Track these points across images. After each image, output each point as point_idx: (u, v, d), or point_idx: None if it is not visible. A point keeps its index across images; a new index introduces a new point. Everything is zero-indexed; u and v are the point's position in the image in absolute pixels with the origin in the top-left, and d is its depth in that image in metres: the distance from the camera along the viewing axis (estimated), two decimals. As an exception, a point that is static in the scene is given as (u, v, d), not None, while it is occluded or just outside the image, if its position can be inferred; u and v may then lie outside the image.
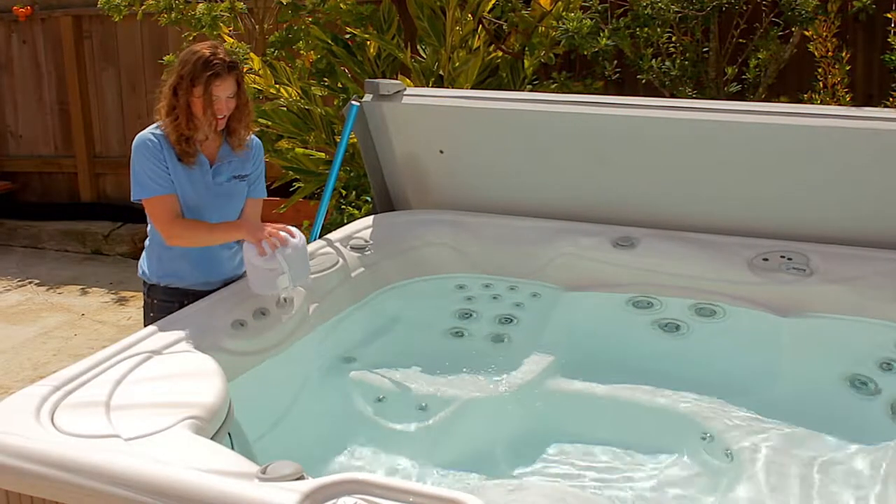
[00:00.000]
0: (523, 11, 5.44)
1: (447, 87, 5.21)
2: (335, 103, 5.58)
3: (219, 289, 3.32)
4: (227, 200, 3.33)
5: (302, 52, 5.77)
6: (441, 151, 4.20)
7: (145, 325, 3.16)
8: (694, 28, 5.14)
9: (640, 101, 3.88)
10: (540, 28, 5.44)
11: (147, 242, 3.35)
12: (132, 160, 3.21)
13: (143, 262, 3.36)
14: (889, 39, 4.82)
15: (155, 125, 3.26)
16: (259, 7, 6.07)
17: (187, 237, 3.22)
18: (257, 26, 6.06)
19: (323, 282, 3.56)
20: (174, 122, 3.18)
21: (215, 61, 3.15)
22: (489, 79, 5.56)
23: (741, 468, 2.97)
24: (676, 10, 4.94)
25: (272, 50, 5.82)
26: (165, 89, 3.21)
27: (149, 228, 3.32)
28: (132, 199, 3.24)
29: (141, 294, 3.42)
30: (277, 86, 5.30)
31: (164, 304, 3.27)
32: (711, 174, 3.78)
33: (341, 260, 3.68)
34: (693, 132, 3.71)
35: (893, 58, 4.76)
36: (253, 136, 3.42)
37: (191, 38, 5.96)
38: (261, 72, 5.29)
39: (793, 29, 5.02)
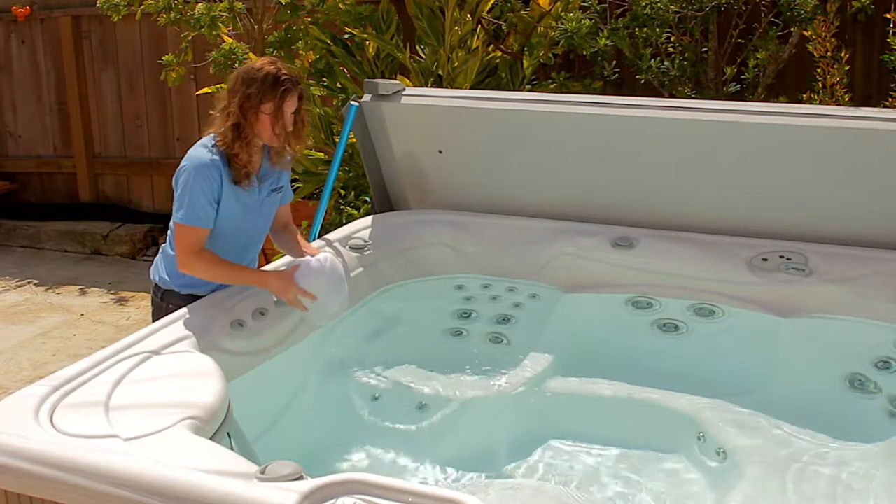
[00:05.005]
0: (522, 12, 5.44)
1: (446, 88, 5.21)
2: (334, 103, 5.59)
3: None
4: (267, 214, 3.36)
5: (301, 52, 5.77)
6: (440, 151, 4.20)
7: None
8: (693, 28, 5.14)
9: (639, 102, 3.88)
10: (539, 28, 5.44)
11: (168, 246, 3.31)
12: (185, 178, 3.13)
13: (160, 268, 3.33)
14: (888, 40, 4.82)
15: (210, 143, 3.18)
16: (258, 7, 6.06)
17: (204, 272, 3.19)
18: (256, 26, 6.06)
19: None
20: (243, 142, 3.13)
21: (284, 77, 3.14)
22: (488, 79, 5.56)
23: (740, 468, 2.97)
24: (675, 10, 4.94)
25: (271, 50, 5.81)
26: (232, 109, 3.13)
27: (170, 236, 3.29)
28: (173, 217, 3.18)
29: (140, 294, 3.42)
30: (276, 86, 5.29)
31: (179, 309, 3.26)
32: (710, 174, 3.79)
33: (340, 260, 3.68)
34: (692, 132, 3.72)
35: (892, 58, 4.76)
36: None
37: (189, 38, 5.96)
38: (260, 72, 5.29)
39: (792, 29, 5.02)
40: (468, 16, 5.32)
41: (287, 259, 3.46)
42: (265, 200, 3.32)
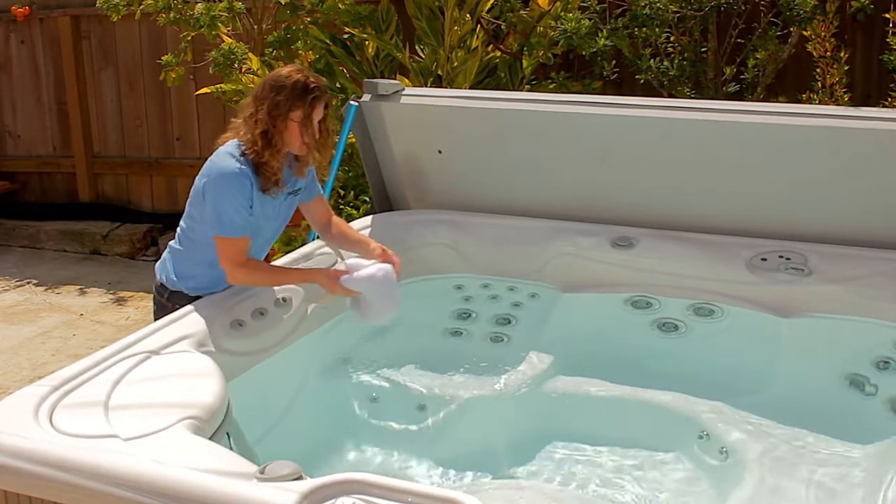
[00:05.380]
0: (522, 11, 5.44)
1: (445, 87, 5.21)
2: (334, 103, 5.57)
3: None
4: (284, 216, 3.38)
5: (300, 52, 5.76)
6: (439, 151, 4.20)
7: None
8: (692, 28, 5.15)
9: (638, 101, 3.88)
10: (538, 28, 5.44)
11: (179, 247, 3.30)
12: (216, 188, 3.13)
13: (168, 267, 3.31)
14: (888, 39, 4.82)
15: (236, 151, 3.16)
16: (257, 7, 6.06)
17: (253, 280, 3.23)
18: (256, 26, 6.06)
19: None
20: (273, 150, 3.12)
21: (313, 84, 3.13)
22: (487, 79, 5.56)
23: (739, 467, 2.97)
24: (675, 10, 4.93)
25: (270, 50, 5.82)
26: (261, 116, 3.11)
27: (181, 236, 3.29)
28: (214, 233, 3.16)
29: (139, 294, 3.43)
30: (276, 86, 5.29)
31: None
32: (710, 174, 3.79)
33: (339, 260, 3.68)
34: (691, 132, 3.72)
35: (892, 58, 4.76)
36: None
37: (189, 37, 5.96)
38: (259, 72, 5.29)
39: (791, 29, 5.02)
40: (467, 16, 5.32)
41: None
42: (283, 204, 3.33)
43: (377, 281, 3.28)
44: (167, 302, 3.29)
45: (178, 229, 3.33)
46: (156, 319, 3.32)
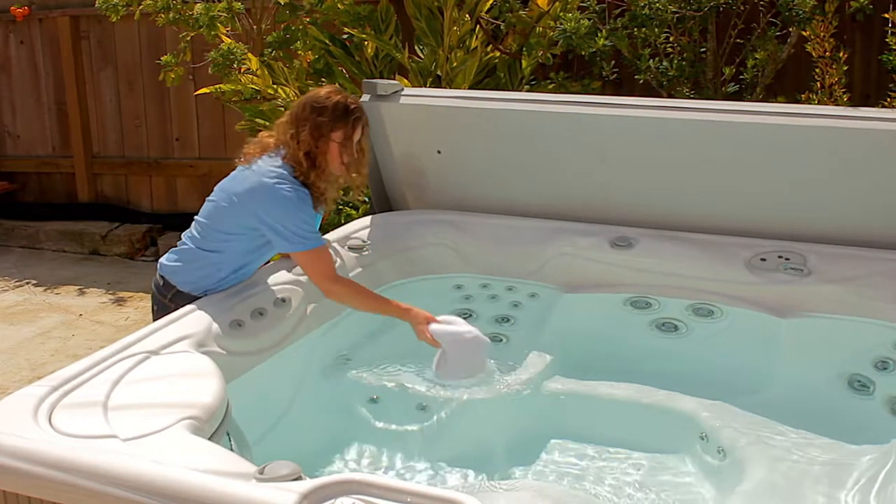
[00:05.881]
0: (521, 12, 5.44)
1: (445, 88, 5.21)
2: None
3: None
4: None
5: (299, 52, 5.77)
6: (439, 151, 4.20)
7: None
8: (691, 28, 5.15)
9: (637, 102, 3.88)
10: (537, 28, 5.44)
11: (190, 249, 3.31)
12: (288, 205, 3.16)
13: (177, 269, 3.32)
14: (887, 39, 4.83)
15: (285, 173, 3.19)
16: (257, 7, 6.06)
17: (352, 299, 3.29)
18: (255, 26, 6.06)
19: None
20: (319, 171, 3.19)
21: (354, 105, 3.21)
22: (487, 79, 5.56)
23: (739, 467, 2.97)
24: (674, 10, 4.94)
25: (270, 50, 5.82)
26: (303, 137, 3.17)
27: (195, 241, 3.30)
28: (290, 251, 3.22)
29: (139, 294, 3.43)
30: (275, 86, 5.30)
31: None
32: (709, 174, 3.79)
33: (339, 260, 3.68)
34: (691, 132, 3.72)
35: (891, 58, 4.76)
36: None
37: (188, 38, 5.96)
38: (258, 72, 5.29)
39: (790, 29, 5.02)
40: (467, 16, 5.32)
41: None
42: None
43: (463, 340, 3.32)
44: (170, 303, 3.30)
45: (192, 234, 3.35)
46: (155, 318, 3.33)
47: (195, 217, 3.41)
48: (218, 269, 3.29)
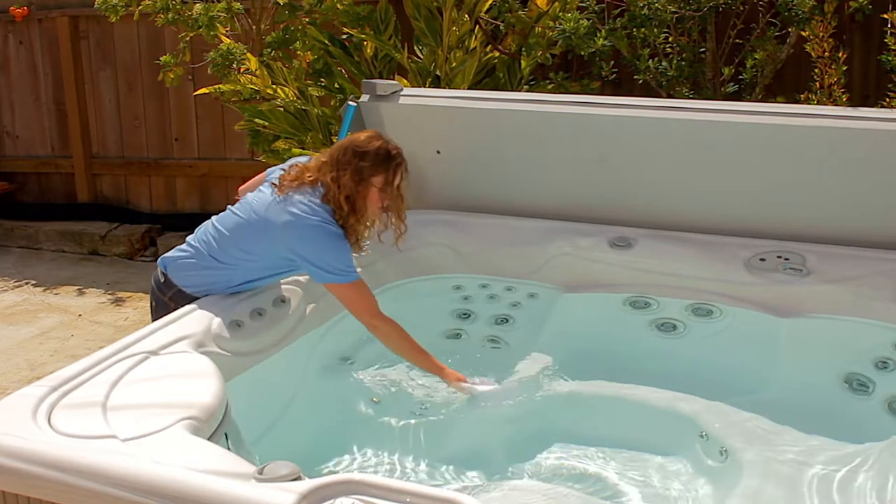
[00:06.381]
0: (520, 12, 5.44)
1: (444, 88, 5.21)
2: (332, 104, 5.58)
3: None
4: None
5: (299, 52, 5.77)
6: (438, 152, 4.20)
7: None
8: (691, 28, 5.15)
9: (636, 102, 3.88)
10: (537, 28, 5.44)
11: (202, 252, 3.30)
12: (323, 249, 3.19)
13: (183, 271, 3.32)
14: (886, 40, 4.82)
15: (324, 215, 3.21)
16: (256, 7, 6.06)
17: (389, 338, 3.30)
18: (254, 27, 6.05)
19: (320, 282, 3.56)
20: (358, 216, 3.22)
21: (395, 151, 3.25)
22: (486, 79, 5.56)
23: (738, 467, 2.97)
24: (673, 10, 4.94)
25: (269, 50, 5.81)
26: (344, 181, 3.19)
27: (204, 247, 3.30)
28: (327, 282, 3.23)
29: (138, 295, 3.43)
30: (274, 86, 5.30)
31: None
32: (708, 174, 3.79)
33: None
34: (690, 132, 3.72)
35: (890, 58, 4.76)
36: None
37: (187, 38, 5.96)
38: (258, 72, 5.29)
39: (789, 29, 5.02)
40: (466, 16, 5.32)
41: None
42: None
43: (496, 394, 3.36)
44: (169, 301, 3.30)
45: (207, 239, 3.33)
46: (153, 315, 3.34)
47: (213, 222, 3.36)
48: (229, 280, 3.30)
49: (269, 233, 3.22)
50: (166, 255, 3.42)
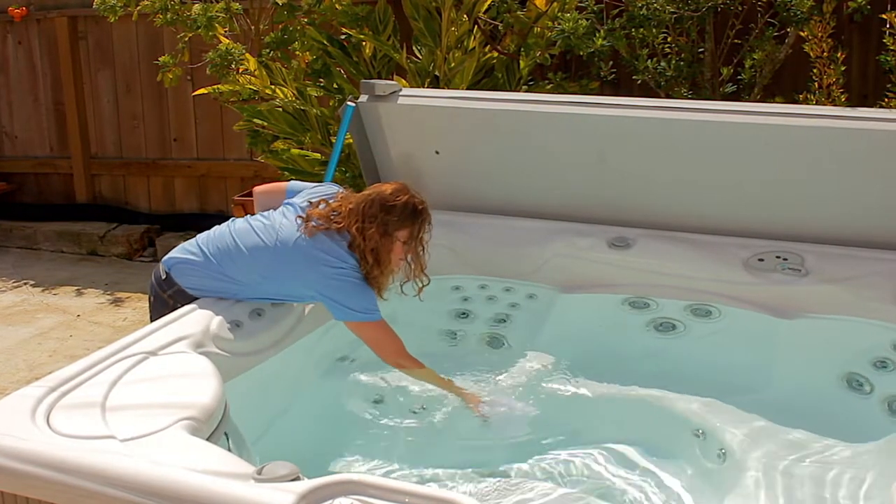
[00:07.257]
0: (519, 12, 5.44)
1: (443, 88, 5.21)
2: (331, 104, 5.58)
3: None
4: None
5: (297, 52, 5.76)
6: (437, 152, 4.20)
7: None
8: (689, 28, 5.15)
9: (635, 102, 3.88)
10: (535, 28, 5.44)
11: (213, 264, 3.29)
12: (348, 294, 3.21)
13: (190, 274, 3.31)
14: (884, 40, 4.83)
15: (350, 264, 3.23)
16: (255, 8, 6.06)
17: (412, 372, 3.34)
18: (253, 27, 6.05)
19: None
20: (382, 268, 3.24)
21: (421, 206, 3.25)
22: (485, 79, 5.56)
23: (737, 467, 2.97)
24: (672, 10, 4.94)
25: (268, 51, 5.81)
26: (370, 233, 3.19)
27: (222, 258, 3.29)
28: (349, 320, 3.25)
29: (137, 295, 3.43)
30: (273, 86, 5.29)
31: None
32: (707, 175, 3.79)
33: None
34: (689, 133, 3.72)
35: (889, 58, 4.77)
36: None
37: (186, 38, 5.96)
38: (256, 72, 5.29)
39: (788, 29, 5.03)
40: (465, 16, 5.32)
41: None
42: None
43: (510, 414, 3.35)
44: (170, 300, 3.30)
45: (218, 248, 3.31)
46: (152, 311, 3.34)
47: (231, 233, 3.33)
48: (237, 294, 3.30)
49: (298, 272, 3.23)
50: (171, 255, 3.39)
